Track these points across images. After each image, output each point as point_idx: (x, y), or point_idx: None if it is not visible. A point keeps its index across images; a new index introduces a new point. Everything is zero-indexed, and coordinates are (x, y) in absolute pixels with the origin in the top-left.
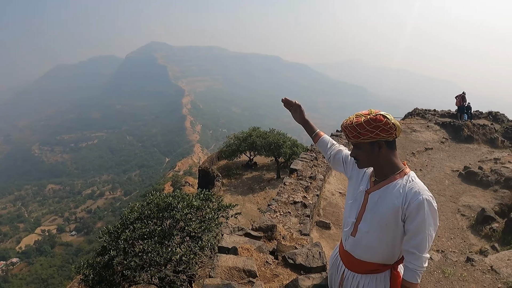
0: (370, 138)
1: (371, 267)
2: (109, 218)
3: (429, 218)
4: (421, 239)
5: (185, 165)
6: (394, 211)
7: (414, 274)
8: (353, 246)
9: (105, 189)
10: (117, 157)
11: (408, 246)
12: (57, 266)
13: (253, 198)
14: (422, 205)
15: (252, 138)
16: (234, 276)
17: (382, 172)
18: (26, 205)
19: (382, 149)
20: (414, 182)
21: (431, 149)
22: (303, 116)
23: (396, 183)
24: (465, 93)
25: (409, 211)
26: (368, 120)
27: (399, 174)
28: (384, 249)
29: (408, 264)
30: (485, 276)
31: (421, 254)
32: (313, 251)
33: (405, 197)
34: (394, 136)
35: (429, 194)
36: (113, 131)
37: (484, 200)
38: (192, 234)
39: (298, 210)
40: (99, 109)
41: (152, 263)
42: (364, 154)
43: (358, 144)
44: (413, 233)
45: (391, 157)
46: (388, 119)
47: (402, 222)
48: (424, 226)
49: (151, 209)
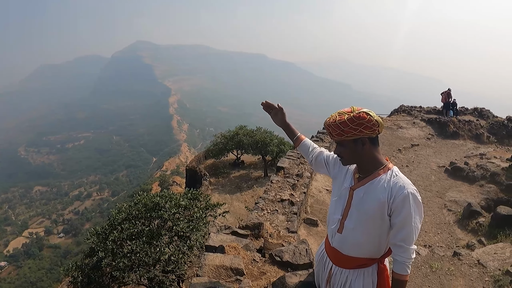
0: (354, 136)
1: (359, 262)
2: (97, 219)
3: (415, 211)
4: (408, 232)
5: (172, 164)
6: (380, 206)
7: (404, 266)
8: (340, 243)
9: (93, 190)
10: (104, 157)
11: (396, 240)
12: (45, 269)
13: (241, 197)
14: (407, 199)
15: (239, 136)
16: (221, 274)
17: (366, 168)
18: (13, 208)
19: (365, 146)
20: (398, 176)
21: (417, 145)
22: (284, 120)
23: (380, 178)
24: (450, 90)
25: (394, 205)
26: (351, 118)
27: (383, 170)
28: (371, 244)
29: (397, 257)
30: (472, 270)
31: (408, 246)
32: (299, 248)
33: (390, 192)
34: (377, 133)
35: (413, 187)
36: (100, 131)
37: (470, 195)
38: (180, 234)
39: (285, 208)
40: (85, 109)
41: (141, 264)
42: (348, 151)
43: (341, 141)
44: (399, 226)
45: (375, 153)
46: (371, 116)
47: (388, 217)
48: (410, 219)
49: (138, 209)
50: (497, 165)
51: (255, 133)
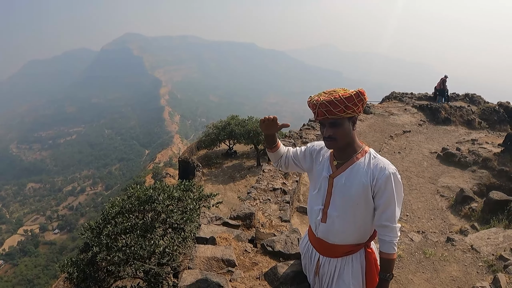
0: (353, 113)
1: (346, 249)
2: (92, 214)
3: (397, 190)
4: (392, 211)
5: (165, 156)
6: (364, 190)
7: (392, 245)
8: (325, 232)
9: (86, 184)
10: (97, 151)
11: (381, 220)
12: (42, 266)
13: (234, 187)
14: (389, 179)
15: (231, 126)
16: (213, 266)
17: (346, 152)
18: (7, 206)
19: (355, 125)
20: (377, 158)
21: (409, 131)
22: (275, 131)
23: (359, 162)
24: (447, 77)
25: (377, 187)
26: (357, 93)
27: (361, 153)
28: (357, 229)
29: (384, 237)
30: (465, 255)
31: (394, 225)
32: (291, 238)
33: (371, 174)
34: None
35: (393, 167)
36: (91, 125)
37: (462, 180)
38: (174, 226)
39: (277, 197)
40: (76, 104)
41: (136, 257)
42: (342, 131)
43: (339, 120)
44: (384, 207)
45: (355, 135)
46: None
47: (372, 199)
48: (393, 199)
49: (132, 202)
50: (489, 150)
51: (247, 123)
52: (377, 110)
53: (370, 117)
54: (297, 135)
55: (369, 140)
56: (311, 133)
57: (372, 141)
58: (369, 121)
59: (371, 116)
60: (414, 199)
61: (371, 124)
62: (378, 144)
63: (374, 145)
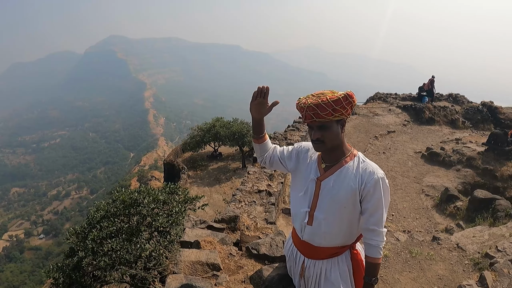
0: (341, 116)
1: (332, 251)
2: (77, 218)
3: (384, 195)
4: (380, 216)
5: (150, 159)
6: (352, 193)
7: (378, 249)
8: (311, 235)
9: (71, 188)
10: (81, 155)
11: (368, 224)
12: (28, 272)
13: (220, 189)
14: (378, 184)
15: (216, 128)
16: (198, 270)
17: (334, 155)
18: None
19: (343, 128)
20: (366, 162)
21: (393, 132)
22: (264, 115)
23: (348, 166)
24: (434, 77)
25: (365, 191)
26: (345, 96)
27: (349, 157)
28: (343, 232)
29: (371, 241)
30: (451, 253)
31: (381, 229)
32: (276, 240)
33: (360, 179)
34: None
35: (382, 172)
36: (75, 129)
37: (447, 179)
38: (160, 229)
39: (263, 199)
40: (60, 107)
41: (122, 261)
42: (330, 134)
43: (327, 123)
44: (372, 211)
45: (344, 138)
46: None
47: (359, 203)
48: (381, 203)
49: (117, 206)
50: (473, 149)
51: (232, 125)
52: (362, 111)
53: (355, 117)
54: (281, 137)
55: (354, 141)
56: (296, 135)
57: (357, 141)
58: (353, 122)
59: (355, 116)
60: (399, 199)
61: (355, 125)
62: (362, 145)
63: (358, 146)
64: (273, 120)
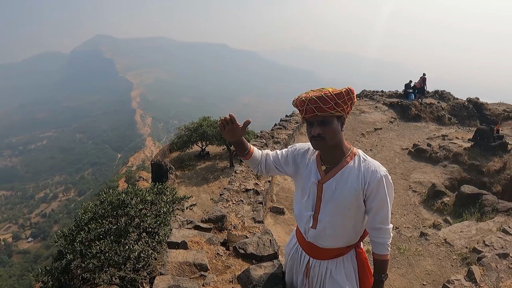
0: (342, 111)
1: (337, 251)
2: (65, 221)
3: (389, 192)
4: (385, 213)
5: (137, 159)
6: (356, 194)
7: (385, 246)
8: (316, 237)
9: (58, 190)
10: (68, 156)
11: (374, 223)
12: (16, 276)
13: (208, 188)
14: (381, 182)
15: (203, 128)
16: (185, 271)
17: (334, 155)
18: None
19: (343, 126)
20: (367, 161)
21: (380, 129)
22: (241, 135)
23: (349, 166)
24: (425, 75)
25: (369, 190)
26: (347, 90)
27: (350, 156)
28: (348, 232)
29: (378, 239)
30: (439, 249)
31: (387, 226)
32: (263, 239)
33: (363, 178)
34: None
35: (384, 169)
36: (62, 130)
37: (434, 175)
38: (148, 230)
39: (250, 198)
40: (46, 108)
41: (111, 263)
42: (331, 130)
43: (328, 118)
44: (377, 210)
45: (343, 137)
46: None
47: (363, 203)
48: (386, 201)
49: (105, 208)
50: (459, 145)
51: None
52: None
53: None
54: (268, 135)
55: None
56: (283, 133)
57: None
58: None
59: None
60: None
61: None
62: (349, 142)
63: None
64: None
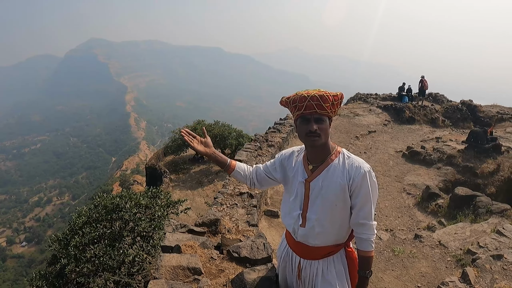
0: (333, 113)
1: (327, 250)
2: (59, 225)
3: (372, 188)
4: (369, 209)
5: (132, 163)
6: (342, 190)
7: (370, 242)
8: (306, 236)
9: (52, 194)
10: (62, 160)
11: (359, 219)
12: (11, 281)
13: (202, 192)
14: (365, 178)
15: (197, 131)
16: (179, 275)
17: (321, 153)
18: None
19: (330, 126)
20: (351, 158)
21: (374, 132)
22: (212, 146)
23: (334, 163)
24: (423, 77)
25: (354, 186)
26: (341, 94)
27: (334, 154)
28: (336, 230)
29: (362, 235)
30: (434, 251)
31: (371, 222)
32: (257, 243)
33: (348, 174)
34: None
35: (368, 165)
36: (56, 134)
37: (428, 178)
38: (142, 234)
39: (244, 201)
40: (40, 112)
41: (105, 267)
42: (326, 128)
43: (324, 116)
44: (361, 205)
45: (329, 136)
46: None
47: (349, 198)
48: (369, 197)
49: (99, 212)
50: (453, 147)
51: (213, 127)
52: (342, 111)
53: (335, 118)
54: (262, 138)
55: (335, 141)
56: (277, 136)
57: (338, 142)
58: (334, 122)
59: (336, 117)
60: (381, 198)
61: (336, 125)
62: (344, 145)
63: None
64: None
